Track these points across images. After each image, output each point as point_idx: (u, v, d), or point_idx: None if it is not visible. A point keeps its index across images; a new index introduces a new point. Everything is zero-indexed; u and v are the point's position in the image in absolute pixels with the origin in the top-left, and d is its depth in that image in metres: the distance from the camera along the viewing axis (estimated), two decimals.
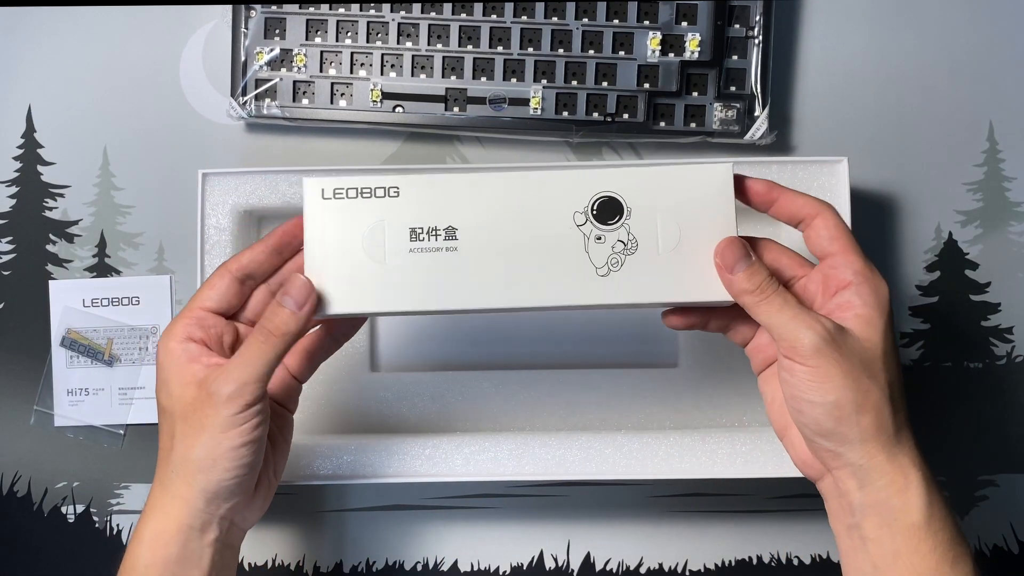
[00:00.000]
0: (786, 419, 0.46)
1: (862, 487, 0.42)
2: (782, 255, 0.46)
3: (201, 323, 0.46)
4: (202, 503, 0.45)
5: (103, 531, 0.64)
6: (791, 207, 0.45)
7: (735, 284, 0.44)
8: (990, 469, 0.64)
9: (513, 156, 0.64)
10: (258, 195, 0.59)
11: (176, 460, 0.45)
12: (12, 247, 0.64)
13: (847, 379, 0.41)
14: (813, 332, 0.41)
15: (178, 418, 0.44)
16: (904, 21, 0.65)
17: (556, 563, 0.64)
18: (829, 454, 0.43)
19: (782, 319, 0.42)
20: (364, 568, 0.64)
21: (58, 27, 0.64)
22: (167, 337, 0.46)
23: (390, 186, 0.45)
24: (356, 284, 0.45)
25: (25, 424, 0.64)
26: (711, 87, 0.62)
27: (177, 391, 0.45)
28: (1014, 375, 0.64)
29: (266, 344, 0.44)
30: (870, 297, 0.43)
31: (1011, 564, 0.64)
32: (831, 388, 0.41)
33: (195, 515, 0.45)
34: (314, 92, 0.62)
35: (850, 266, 0.43)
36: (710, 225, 0.45)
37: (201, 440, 0.44)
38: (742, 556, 0.64)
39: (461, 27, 0.62)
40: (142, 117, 0.64)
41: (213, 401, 0.43)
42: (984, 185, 0.64)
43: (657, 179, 0.45)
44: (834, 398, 0.41)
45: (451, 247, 0.45)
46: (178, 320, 0.46)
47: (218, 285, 0.46)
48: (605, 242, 0.45)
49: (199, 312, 0.46)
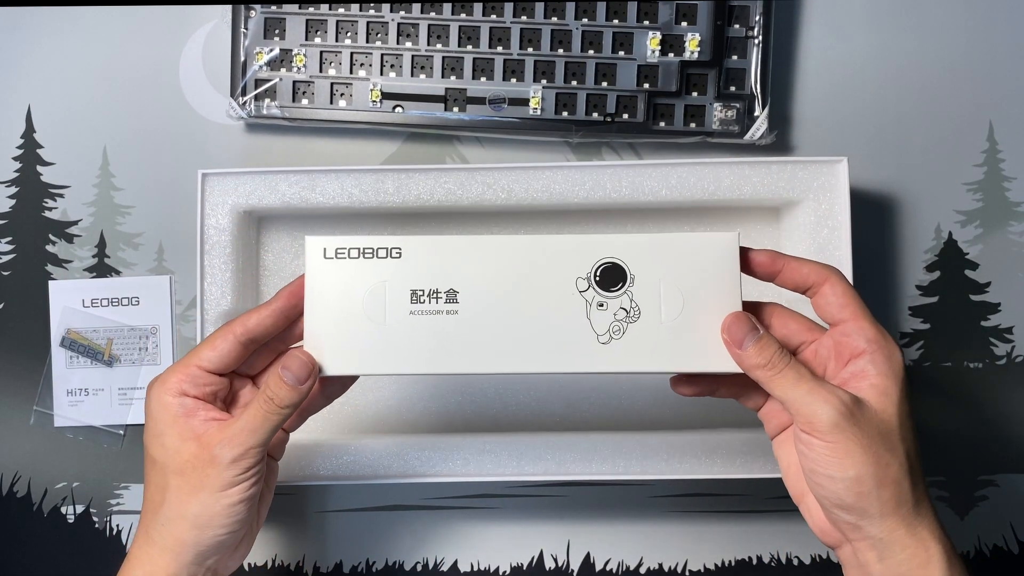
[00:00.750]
0: (803, 486, 0.46)
1: (882, 560, 0.42)
2: (790, 320, 0.45)
3: (196, 380, 0.46)
4: (191, 557, 0.45)
5: (103, 531, 0.64)
6: (796, 276, 0.45)
7: (745, 360, 0.43)
8: (990, 469, 0.64)
9: (513, 156, 0.64)
10: (258, 195, 0.59)
11: (168, 515, 0.45)
12: (12, 247, 0.64)
13: (867, 454, 0.41)
14: (831, 407, 0.41)
15: (172, 472, 0.45)
16: (904, 21, 0.65)
17: (556, 563, 0.64)
18: (848, 526, 0.42)
19: (797, 393, 0.42)
20: (364, 568, 0.64)
21: (58, 27, 0.64)
22: (160, 388, 0.46)
23: (392, 247, 0.45)
24: (355, 345, 0.45)
25: (25, 424, 0.64)
26: (711, 87, 0.62)
27: (173, 444, 0.45)
28: (1014, 375, 0.64)
29: (269, 413, 0.44)
30: (884, 366, 0.42)
31: (1011, 564, 0.64)
32: (851, 464, 0.41)
33: (182, 569, 0.45)
34: (314, 92, 0.62)
35: (863, 333, 0.43)
36: (715, 294, 0.44)
37: (199, 498, 0.44)
38: (742, 556, 0.64)
39: (461, 27, 0.62)
40: (142, 117, 0.64)
41: (215, 463, 0.44)
42: (984, 185, 0.64)
43: (661, 246, 0.45)
44: (854, 473, 0.41)
45: (452, 310, 0.44)
46: (173, 373, 0.46)
47: (220, 347, 0.46)
48: (607, 309, 0.44)
49: (195, 370, 0.46)
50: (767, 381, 0.43)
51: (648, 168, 0.58)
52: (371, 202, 0.58)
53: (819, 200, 0.58)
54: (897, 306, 0.64)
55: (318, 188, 0.58)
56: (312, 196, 0.58)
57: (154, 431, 0.45)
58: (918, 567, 0.41)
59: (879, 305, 0.64)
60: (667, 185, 0.58)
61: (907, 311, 0.64)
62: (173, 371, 0.46)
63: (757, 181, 0.58)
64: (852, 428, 0.41)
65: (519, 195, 0.58)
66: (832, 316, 0.44)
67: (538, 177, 0.58)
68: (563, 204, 0.59)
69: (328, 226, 0.62)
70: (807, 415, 0.41)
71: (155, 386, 0.46)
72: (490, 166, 0.58)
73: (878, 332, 0.43)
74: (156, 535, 0.45)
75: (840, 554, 0.45)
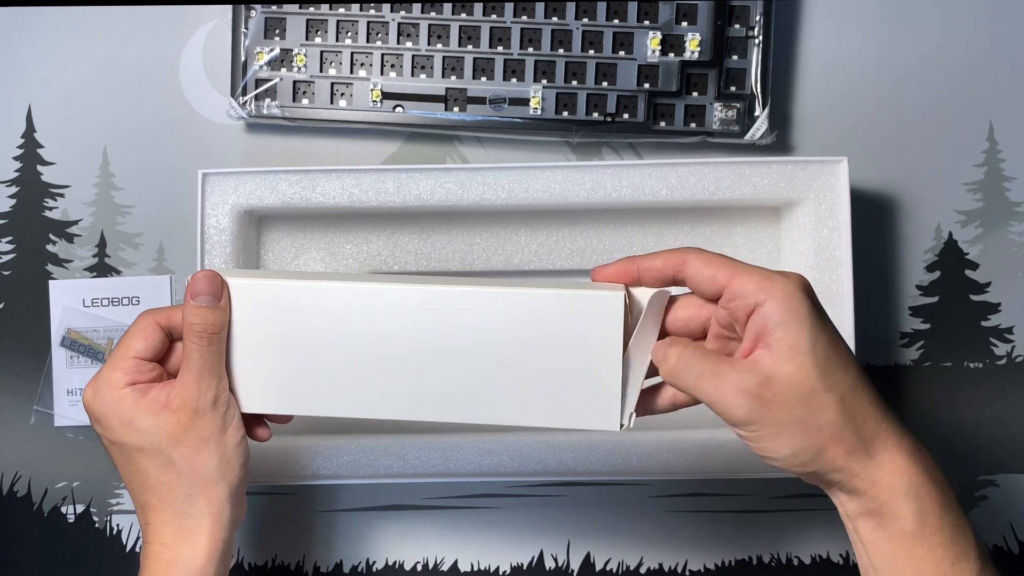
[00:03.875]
0: None
1: (851, 499, 0.41)
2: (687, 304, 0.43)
3: (139, 369, 0.45)
4: (229, 510, 0.46)
5: (103, 531, 0.64)
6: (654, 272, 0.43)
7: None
8: (990, 469, 0.64)
9: (513, 156, 0.64)
10: (258, 195, 0.59)
11: (191, 482, 0.45)
12: (12, 247, 0.64)
13: (792, 430, 0.39)
14: (739, 400, 0.39)
15: (166, 446, 0.44)
16: (904, 21, 0.65)
17: (556, 563, 0.64)
18: (811, 479, 0.41)
19: (704, 391, 0.40)
20: (364, 568, 0.64)
21: (58, 27, 0.64)
22: (105, 387, 0.45)
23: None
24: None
25: (25, 424, 0.64)
26: (711, 87, 0.62)
27: (149, 423, 0.44)
28: (1014, 375, 0.64)
29: (206, 345, 0.44)
30: (780, 312, 0.39)
31: (1011, 564, 0.64)
32: (781, 444, 0.39)
33: (225, 529, 0.46)
34: (314, 92, 0.62)
35: (743, 287, 0.40)
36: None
37: (209, 450, 0.45)
38: (742, 556, 0.64)
39: (461, 27, 0.62)
40: (142, 117, 0.64)
41: (201, 414, 0.44)
42: (984, 185, 0.64)
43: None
44: (788, 451, 0.39)
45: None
46: (112, 370, 0.45)
47: (150, 335, 0.45)
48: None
49: (135, 361, 0.45)
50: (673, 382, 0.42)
51: (648, 168, 0.58)
52: (371, 202, 0.58)
53: (819, 200, 0.58)
54: (897, 306, 0.64)
55: (318, 188, 0.58)
56: (312, 196, 0.58)
57: (121, 423, 0.45)
58: (884, 503, 0.40)
59: (879, 305, 0.64)
60: (667, 185, 0.58)
61: (907, 311, 0.64)
62: (112, 368, 0.45)
63: (757, 181, 0.58)
64: (767, 413, 0.39)
65: (519, 195, 0.58)
66: (713, 291, 0.41)
67: (538, 177, 0.58)
68: (563, 204, 0.59)
69: (328, 226, 0.62)
70: (723, 413, 0.40)
71: (99, 386, 0.45)
72: (490, 166, 0.58)
73: (758, 277, 0.39)
74: (187, 506, 0.45)
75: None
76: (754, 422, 0.39)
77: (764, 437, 0.39)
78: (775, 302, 0.39)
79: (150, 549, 0.46)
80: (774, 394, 0.39)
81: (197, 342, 0.44)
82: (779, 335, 0.39)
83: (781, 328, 0.39)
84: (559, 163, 0.61)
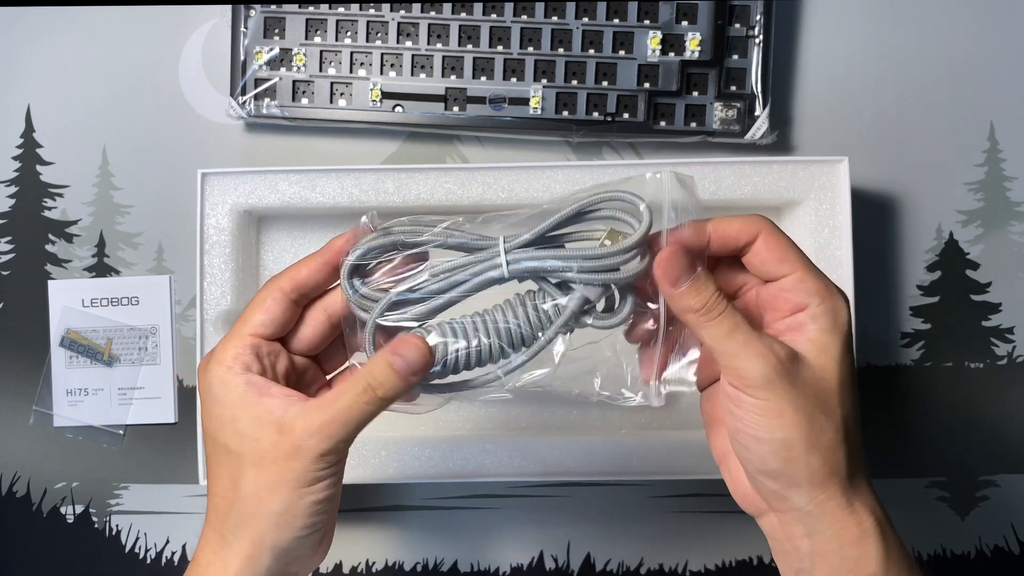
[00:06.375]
0: (727, 445, 0.41)
1: (811, 535, 0.38)
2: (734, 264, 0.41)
3: (256, 351, 0.41)
4: (268, 560, 0.40)
5: (102, 531, 0.64)
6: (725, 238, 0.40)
7: (678, 300, 0.38)
8: (991, 469, 0.64)
9: (513, 156, 0.64)
10: (257, 195, 0.59)
11: (244, 513, 0.39)
12: (11, 247, 0.64)
13: (799, 415, 0.37)
14: (764, 361, 0.37)
15: (249, 464, 0.39)
16: (904, 21, 0.65)
17: (556, 564, 0.64)
18: (773, 495, 0.39)
19: (731, 344, 0.37)
20: (364, 568, 0.64)
21: (58, 27, 0.64)
22: (218, 365, 0.40)
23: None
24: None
25: (24, 424, 0.64)
26: (711, 87, 0.62)
27: (251, 430, 0.39)
28: (1015, 375, 0.64)
29: (367, 403, 0.39)
30: (827, 321, 0.38)
31: (1012, 564, 0.64)
32: (780, 425, 0.37)
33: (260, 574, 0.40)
34: (314, 92, 0.62)
35: (804, 287, 0.39)
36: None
37: (280, 495, 0.39)
38: (742, 556, 0.64)
39: (461, 27, 0.62)
40: (142, 117, 0.64)
41: (300, 455, 0.39)
42: (985, 185, 0.64)
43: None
44: (783, 436, 0.37)
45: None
46: (228, 345, 0.41)
47: (272, 309, 0.41)
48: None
49: (253, 340, 0.41)
50: (698, 327, 0.38)
51: (649, 168, 0.58)
52: (371, 202, 0.58)
53: (820, 200, 0.58)
54: (898, 306, 0.64)
55: (318, 188, 0.58)
56: (312, 196, 0.58)
57: (223, 416, 0.40)
58: (850, 543, 0.37)
59: (880, 305, 0.64)
60: None
61: (908, 311, 0.64)
62: (228, 344, 0.41)
63: (758, 181, 0.58)
64: (785, 386, 0.37)
65: (519, 195, 0.58)
66: (770, 273, 0.40)
67: (538, 177, 0.58)
68: None
69: (328, 226, 0.62)
70: (738, 368, 0.37)
71: (211, 364, 0.40)
72: (490, 166, 0.58)
73: (822, 285, 0.39)
74: (230, 535, 0.40)
75: (763, 524, 0.41)
76: (767, 388, 0.37)
77: (768, 410, 0.37)
78: (827, 311, 0.38)
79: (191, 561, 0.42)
80: (799, 374, 0.37)
81: (362, 395, 0.39)
82: (815, 336, 0.38)
83: (820, 332, 0.38)
84: (559, 163, 0.61)
